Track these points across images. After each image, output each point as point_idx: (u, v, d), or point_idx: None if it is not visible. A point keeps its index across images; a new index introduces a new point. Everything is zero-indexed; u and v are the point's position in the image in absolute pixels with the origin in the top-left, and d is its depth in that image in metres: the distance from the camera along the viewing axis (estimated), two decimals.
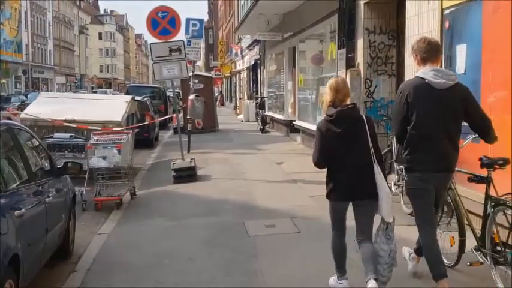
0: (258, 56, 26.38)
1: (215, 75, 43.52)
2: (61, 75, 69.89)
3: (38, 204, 4.28)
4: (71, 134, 8.03)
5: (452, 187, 4.55)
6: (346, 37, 10.51)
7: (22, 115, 10.07)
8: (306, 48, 15.51)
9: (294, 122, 16.25)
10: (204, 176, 10.33)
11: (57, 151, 8.07)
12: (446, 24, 6.57)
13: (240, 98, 35.17)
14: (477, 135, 4.29)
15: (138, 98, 17.54)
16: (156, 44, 10.30)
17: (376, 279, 3.92)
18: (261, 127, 19.79)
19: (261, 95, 23.84)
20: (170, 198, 8.64)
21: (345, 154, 4.08)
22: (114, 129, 9.87)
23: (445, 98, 3.97)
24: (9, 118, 4.64)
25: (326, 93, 4.24)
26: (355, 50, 10.07)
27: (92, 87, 76.43)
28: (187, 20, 14.19)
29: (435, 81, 3.97)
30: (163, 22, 10.27)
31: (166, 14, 10.35)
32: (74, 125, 9.51)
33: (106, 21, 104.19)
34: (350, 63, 10.19)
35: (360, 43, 9.83)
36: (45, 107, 10.50)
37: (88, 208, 8.05)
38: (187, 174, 9.93)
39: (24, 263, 3.67)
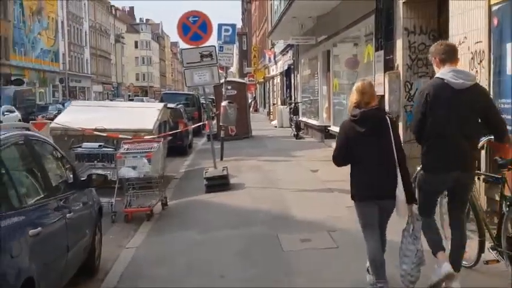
0: (292, 61, 26.03)
1: (249, 81, 43.35)
2: (98, 83, 71.06)
3: (58, 221, 4.02)
4: (100, 144, 7.83)
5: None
6: (384, 38, 10.05)
7: (52, 124, 9.98)
8: (340, 51, 15.07)
9: (329, 128, 15.80)
10: (237, 184, 10.02)
11: (86, 161, 7.89)
12: (495, 22, 6.08)
13: (274, 104, 34.85)
14: (492, 136, 4.37)
15: (171, 105, 17.51)
16: (187, 50, 10.08)
17: (386, 282, 4.14)
18: (295, 133, 19.39)
19: (294, 100, 23.48)
20: (202, 209, 8.36)
21: (367, 154, 4.15)
22: (145, 137, 9.69)
23: (464, 98, 4.07)
24: (27, 129, 4.35)
25: (352, 95, 4.33)
26: (393, 52, 9.60)
27: (129, 95, 77.59)
28: (220, 26, 13.95)
29: (454, 81, 4.07)
30: (194, 27, 10.03)
31: (197, 18, 10.12)
32: (105, 134, 9.34)
33: (142, 29, 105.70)
34: (388, 66, 9.72)
35: (398, 44, 9.36)
36: (76, 115, 10.39)
37: (118, 220, 7.83)
38: (219, 183, 9.63)
39: (41, 284, 3.40)
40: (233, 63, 14.61)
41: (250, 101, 33.18)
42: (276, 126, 26.11)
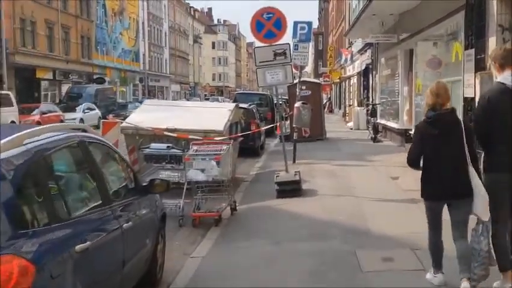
0: (370, 61, 25.05)
1: (324, 81, 42.55)
2: (176, 83, 72.64)
3: (113, 232, 3.65)
4: (168, 145, 7.55)
5: None
6: (474, 36, 9.14)
7: (123, 124, 9.87)
8: (424, 50, 14.11)
9: (410, 131, 14.83)
10: (309, 190, 9.47)
11: (154, 162, 7.63)
12: None
13: (350, 105, 33.88)
14: None
15: (243, 105, 17.21)
16: (260, 48, 9.62)
17: (469, 279, 4.18)
18: (373, 136, 18.52)
19: (372, 101, 22.54)
20: (272, 216, 7.88)
21: (440, 155, 4.29)
22: (215, 138, 9.36)
23: None
24: (84, 130, 4.02)
25: (427, 97, 4.42)
26: (485, 51, 8.69)
27: (205, 95, 78.76)
28: (295, 23, 13.42)
29: None
30: (268, 24, 9.56)
31: (271, 15, 9.64)
32: (174, 134, 9.09)
33: (219, 30, 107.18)
34: (480, 65, 8.81)
35: (491, 42, 8.43)
36: (148, 114, 10.25)
37: (185, 224, 7.52)
38: (291, 189, 9.13)
39: None
40: (308, 62, 13.98)
41: (325, 101, 32.44)
42: (351, 128, 25.29)
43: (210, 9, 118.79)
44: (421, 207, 7.59)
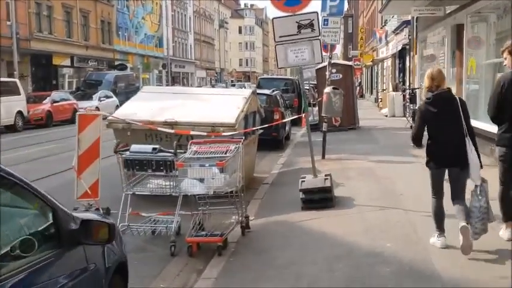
0: (407, 41, 22.76)
1: (355, 65, 40.20)
2: (202, 69, 70.86)
3: None
4: (155, 146, 5.63)
5: None
6: None
7: (110, 117, 8.03)
8: (478, 25, 11.88)
9: None
10: (343, 199, 7.49)
11: (137, 170, 5.76)
12: None
13: (383, 90, 31.52)
14: None
15: (265, 91, 15.29)
16: (280, 19, 7.49)
17: (467, 223, 4.80)
18: (412, 124, 16.35)
19: (410, 86, 20.29)
20: (296, 239, 5.94)
21: (441, 130, 4.96)
22: (224, 133, 7.46)
23: None
24: None
25: (425, 81, 5.14)
26: None
27: (232, 81, 76.78)
28: None
29: None
30: None
31: None
32: (172, 131, 7.22)
33: (246, 15, 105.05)
34: None
35: None
36: (145, 104, 8.41)
37: (179, 252, 5.67)
38: (320, 198, 7.17)
39: None
40: (339, 40, 11.84)
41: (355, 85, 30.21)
42: (386, 116, 23.11)
43: None
44: (494, 228, 5.67)
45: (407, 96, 19.34)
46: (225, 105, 8.39)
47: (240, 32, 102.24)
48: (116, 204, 6.09)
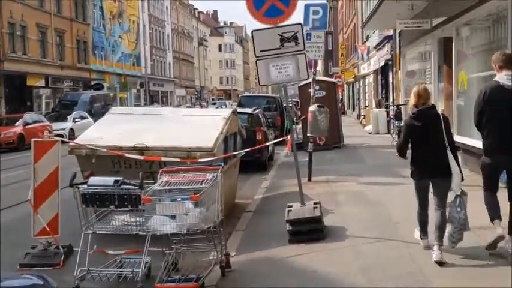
0: (389, 56, 22.32)
1: (337, 82, 39.88)
2: (181, 87, 70.06)
3: None
4: (117, 179, 4.83)
5: None
6: None
7: (71, 143, 7.19)
8: (468, 37, 11.37)
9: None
10: (334, 229, 6.75)
11: (97, 206, 4.95)
12: None
13: (366, 106, 31.10)
14: None
15: (247, 110, 14.61)
16: (261, 31, 6.77)
17: (440, 246, 5.15)
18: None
19: (394, 102, 19.79)
20: (282, 281, 5.17)
21: (424, 142, 5.31)
22: (200, 160, 6.69)
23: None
24: None
25: (411, 99, 5.47)
26: None
27: (212, 99, 76.00)
28: (307, 7, 10.67)
29: (505, 83, 5.17)
30: None
31: None
32: (141, 157, 6.43)
33: (226, 32, 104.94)
34: None
35: None
36: (113, 128, 7.62)
37: None
38: (309, 229, 6.42)
39: None
40: (322, 55, 11.17)
41: None
42: (370, 133, 22.58)
43: (215, 11, 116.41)
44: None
45: (392, 112, 18.80)
46: (202, 127, 7.63)
47: (220, 49, 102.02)
48: (80, 241, 5.28)
